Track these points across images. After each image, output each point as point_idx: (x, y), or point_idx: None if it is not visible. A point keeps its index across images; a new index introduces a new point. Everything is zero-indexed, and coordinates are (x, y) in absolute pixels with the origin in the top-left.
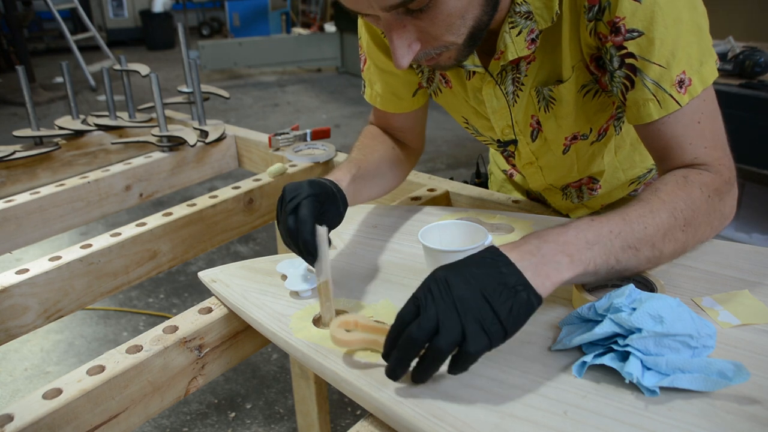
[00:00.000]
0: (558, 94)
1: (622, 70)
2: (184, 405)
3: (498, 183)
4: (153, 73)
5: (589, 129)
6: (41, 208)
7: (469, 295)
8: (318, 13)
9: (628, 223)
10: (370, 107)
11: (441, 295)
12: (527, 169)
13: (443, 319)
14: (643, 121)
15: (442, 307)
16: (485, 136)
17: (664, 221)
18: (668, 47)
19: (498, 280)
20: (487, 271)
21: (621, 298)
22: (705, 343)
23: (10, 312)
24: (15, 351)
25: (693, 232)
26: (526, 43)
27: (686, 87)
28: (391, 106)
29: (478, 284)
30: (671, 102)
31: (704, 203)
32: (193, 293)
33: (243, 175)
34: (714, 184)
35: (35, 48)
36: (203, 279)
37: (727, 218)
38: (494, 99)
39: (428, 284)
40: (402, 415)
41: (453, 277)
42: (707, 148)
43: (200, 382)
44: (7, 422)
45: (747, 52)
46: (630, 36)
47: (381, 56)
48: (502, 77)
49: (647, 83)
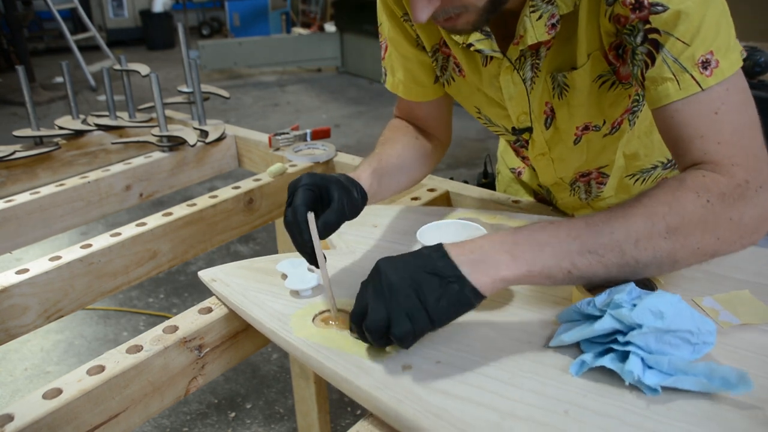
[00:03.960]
0: (572, 81)
1: (644, 46)
2: (184, 405)
3: (505, 182)
4: (153, 73)
5: (602, 121)
6: (41, 208)
7: (397, 283)
8: (318, 13)
9: (591, 227)
10: (370, 107)
11: (372, 281)
12: (539, 161)
13: (371, 303)
14: (661, 102)
15: (370, 293)
16: (498, 125)
17: (638, 227)
18: (694, 23)
19: (430, 270)
20: (422, 261)
21: (621, 294)
22: (705, 340)
23: (10, 312)
24: (15, 351)
25: (682, 241)
26: (546, 27)
27: (712, 69)
28: (414, 94)
29: (408, 273)
30: (691, 83)
31: (699, 209)
32: (193, 293)
33: (243, 175)
34: (718, 187)
35: (35, 48)
36: (203, 278)
37: (746, 227)
38: (511, 85)
39: (370, 272)
40: (402, 415)
41: (386, 266)
42: (721, 144)
43: (200, 382)
44: (7, 422)
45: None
46: (654, 10)
47: (403, 42)
48: (521, 63)
49: (668, 60)
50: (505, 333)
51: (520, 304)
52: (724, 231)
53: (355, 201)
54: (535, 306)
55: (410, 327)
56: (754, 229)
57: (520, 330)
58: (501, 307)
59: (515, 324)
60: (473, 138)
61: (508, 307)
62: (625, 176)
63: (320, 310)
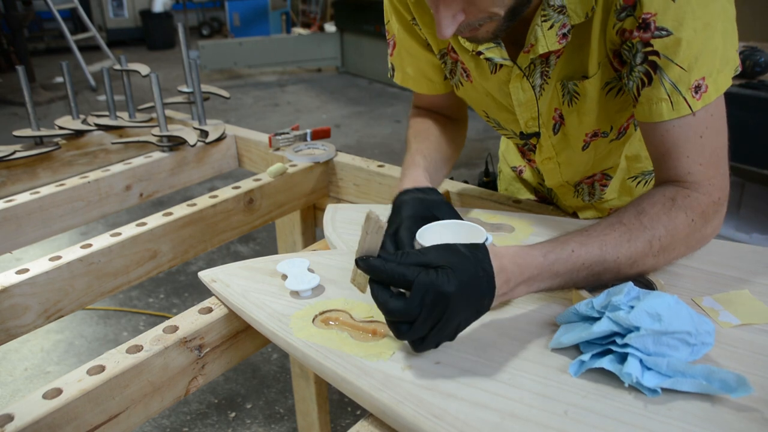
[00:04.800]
0: (582, 90)
1: (642, 66)
2: (184, 405)
3: (507, 181)
4: (153, 73)
5: (609, 127)
6: (41, 208)
7: (454, 317)
8: (318, 13)
9: (603, 255)
10: (370, 107)
11: (436, 288)
12: (546, 165)
13: (422, 315)
14: (653, 119)
15: (428, 304)
16: (507, 129)
17: (638, 250)
18: (693, 51)
19: (481, 299)
20: (482, 288)
21: (619, 296)
22: (703, 340)
23: (10, 312)
24: (15, 351)
25: (665, 257)
26: (557, 37)
27: (701, 93)
28: (425, 87)
29: (469, 304)
30: (684, 106)
31: (686, 227)
32: (193, 293)
33: (243, 175)
34: (701, 207)
35: (35, 48)
36: (203, 279)
37: (707, 239)
38: (521, 92)
39: (444, 260)
40: (402, 415)
41: (457, 284)
42: (702, 165)
43: (200, 382)
44: (7, 422)
45: (747, 52)
46: (658, 34)
47: (412, 43)
48: (530, 70)
49: (665, 83)
50: (505, 334)
51: (520, 305)
52: (696, 243)
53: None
54: (535, 307)
55: (435, 346)
56: (712, 237)
57: (519, 331)
58: (501, 308)
59: (515, 324)
60: (473, 138)
61: (508, 307)
62: (627, 178)
63: (320, 311)
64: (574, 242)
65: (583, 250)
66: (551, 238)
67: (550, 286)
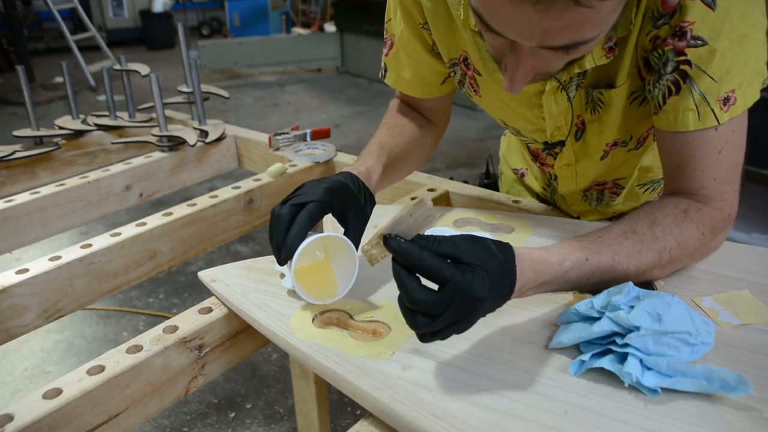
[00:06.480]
0: (608, 98)
1: (672, 74)
2: (184, 405)
3: (508, 183)
4: (153, 72)
5: (629, 136)
6: (41, 208)
7: (476, 315)
8: (318, 13)
9: (614, 265)
10: (370, 107)
11: (466, 287)
12: (564, 171)
13: (447, 313)
14: (677, 128)
15: (458, 303)
16: (527, 137)
17: (648, 261)
18: (727, 63)
19: (501, 299)
20: (504, 289)
21: (619, 296)
22: (703, 340)
23: (10, 312)
24: (15, 351)
25: (671, 267)
26: (603, 51)
27: (730, 105)
28: (419, 91)
29: (491, 305)
30: (711, 117)
31: (696, 241)
32: (193, 293)
33: (243, 175)
34: (711, 221)
35: (35, 48)
36: (203, 279)
37: (710, 252)
38: (554, 104)
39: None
40: (402, 415)
41: (489, 287)
42: (717, 180)
43: (200, 382)
44: (7, 422)
45: None
46: (694, 43)
47: (416, 46)
48: (567, 82)
49: (694, 93)
50: (505, 333)
51: (521, 305)
52: (700, 255)
53: (366, 209)
54: (536, 307)
55: (443, 339)
56: (715, 250)
57: (520, 330)
58: (501, 308)
59: (515, 324)
60: (473, 138)
61: (508, 307)
62: (636, 185)
63: (320, 311)
64: (589, 250)
65: (597, 259)
66: (566, 239)
67: (558, 289)
